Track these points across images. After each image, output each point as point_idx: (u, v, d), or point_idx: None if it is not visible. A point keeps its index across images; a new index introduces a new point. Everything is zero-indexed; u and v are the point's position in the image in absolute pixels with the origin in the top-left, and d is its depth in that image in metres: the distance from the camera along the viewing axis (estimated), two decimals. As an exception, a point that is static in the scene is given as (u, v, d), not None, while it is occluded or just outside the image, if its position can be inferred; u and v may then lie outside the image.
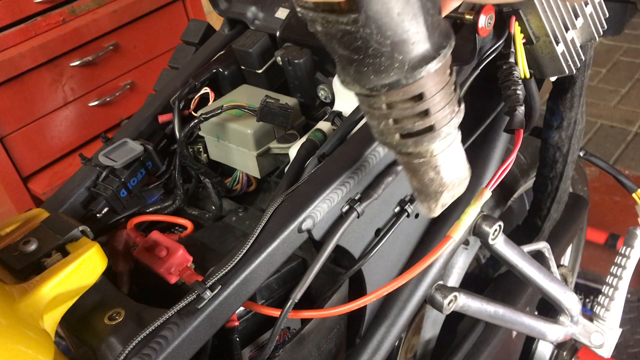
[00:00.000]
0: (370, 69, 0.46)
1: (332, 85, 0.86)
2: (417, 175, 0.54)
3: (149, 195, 0.87)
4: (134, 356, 0.57)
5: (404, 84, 0.46)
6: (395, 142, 0.51)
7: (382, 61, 0.45)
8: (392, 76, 0.46)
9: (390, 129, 0.50)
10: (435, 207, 0.57)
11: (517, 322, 0.94)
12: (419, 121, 0.49)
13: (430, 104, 0.48)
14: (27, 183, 1.79)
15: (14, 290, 0.56)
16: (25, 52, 1.65)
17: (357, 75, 0.47)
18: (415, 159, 0.53)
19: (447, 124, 0.50)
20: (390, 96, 0.48)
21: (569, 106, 0.94)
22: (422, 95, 0.47)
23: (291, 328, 0.79)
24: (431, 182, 0.54)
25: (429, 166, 0.53)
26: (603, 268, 1.77)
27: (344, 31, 0.44)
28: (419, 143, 0.51)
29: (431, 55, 0.45)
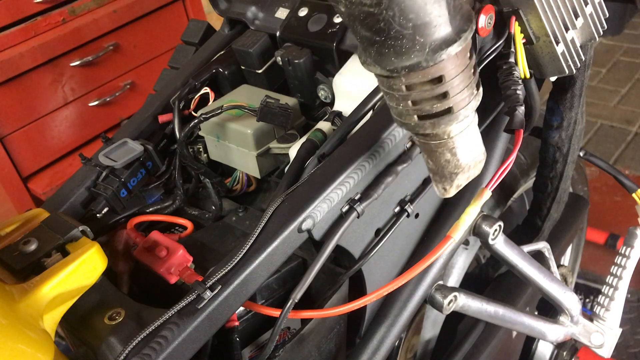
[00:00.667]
0: (392, 51, 0.46)
1: (332, 85, 0.86)
2: (433, 157, 0.55)
3: (149, 195, 0.87)
4: (134, 356, 0.57)
5: (425, 66, 0.47)
6: (414, 123, 0.52)
7: (404, 43, 0.46)
8: (412, 58, 0.46)
9: (409, 111, 0.51)
10: (450, 188, 0.57)
11: (517, 322, 0.94)
12: (438, 103, 0.50)
13: (450, 87, 0.49)
14: (27, 183, 1.79)
15: (14, 290, 0.56)
16: (25, 52, 1.65)
17: (378, 56, 0.47)
18: (433, 141, 0.53)
19: (465, 106, 0.50)
20: (410, 78, 0.48)
21: (569, 106, 0.94)
22: (441, 78, 0.48)
23: (291, 328, 0.79)
24: (447, 163, 0.55)
25: (446, 148, 0.54)
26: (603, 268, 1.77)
27: (367, 13, 0.44)
28: (437, 125, 0.51)
29: (452, 38, 0.46)
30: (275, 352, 0.69)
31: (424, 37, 0.45)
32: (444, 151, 0.54)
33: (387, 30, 0.45)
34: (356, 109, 0.76)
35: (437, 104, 0.50)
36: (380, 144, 0.70)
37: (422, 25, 0.45)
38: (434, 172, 0.57)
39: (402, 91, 0.50)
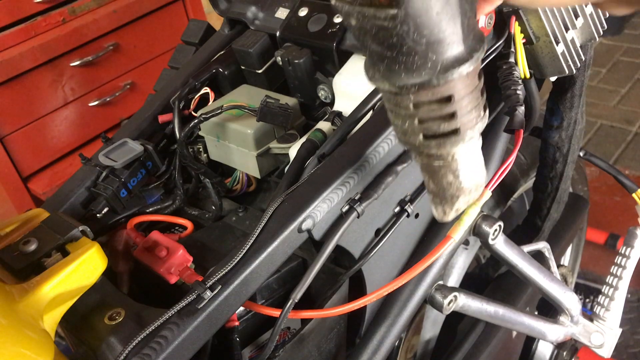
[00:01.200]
0: (402, 67, 0.46)
1: (332, 85, 0.86)
2: (435, 178, 0.54)
3: (149, 195, 0.87)
4: (134, 356, 0.57)
5: (435, 85, 0.46)
6: (418, 142, 0.51)
7: (415, 60, 0.45)
8: (423, 76, 0.45)
9: (414, 129, 0.50)
10: (450, 211, 0.57)
11: (517, 322, 0.94)
12: (445, 123, 0.49)
13: (458, 107, 0.48)
14: (27, 183, 1.79)
15: (14, 290, 0.56)
16: (25, 52, 1.65)
17: (388, 72, 0.47)
18: (436, 162, 0.52)
19: (471, 128, 0.50)
20: (419, 96, 0.47)
21: (569, 106, 0.94)
22: (450, 98, 0.47)
23: (291, 328, 0.79)
24: (449, 185, 0.54)
25: (449, 169, 0.53)
26: (603, 268, 1.77)
27: (380, 27, 0.43)
28: (442, 145, 0.50)
29: (464, 57, 0.45)
30: (275, 352, 0.69)
31: (437, 55, 0.45)
32: (447, 173, 0.53)
33: (400, 46, 0.44)
34: (356, 109, 0.76)
35: (444, 124, 0.49)
36: (380, 144, 0.70)
37: (435, 42, 0.44)
38: (434, 194, 0.56)
39: (409, 109, 0.49)
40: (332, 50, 0.84)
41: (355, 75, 0.83)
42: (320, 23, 0.86)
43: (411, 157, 0.73)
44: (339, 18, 0.84)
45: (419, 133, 0.50)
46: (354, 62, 0.84)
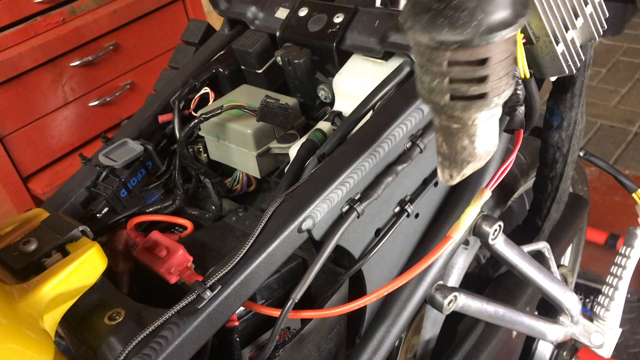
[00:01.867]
0: (447, 22, 0.44)
1: (332, 85, 0.86)
2: (450, 141, 0.53)
3: (149, 195, 0.87)
4: (134, 356, 0.57)
5: (475, 45, 0.45)
6: (444, 102, 0.50)
7: (462, 16, 0.44)
8: (466, 34, 0.44)
9: (442, 89, 0.49)
10: (456, 176, 0.56)
11: (517, 322, 0.94)
12: (475, 86, 0.48)
13: (491, 71, 0.47)
14: (27, 183, 1.79)
15: (14, 290, 0.56)
16: (25, 52, 1.65)
17: (430, 25, 0.45)
18: (456, 124, 0.52)
19: (498, 95, 0.49)
20: (456, 54, 0.46)
21: (569, 106, 0.93)
22: (486, 61, 0.47)
23: (291, 328, 0.79)
24: (463, 149, 0.53)
25: (466, 133, 0.52)
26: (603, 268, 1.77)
27: None
28: (468, 108, 0.50)
29: (510, 21, 0.44)
30: (275, 352, 0.69)
31: (485, 14, 0.43)
32: (464, 137, 0.52)
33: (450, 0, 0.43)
34: (356, 109, 0.76)
35: (475, 87, 0.48)
36: (380, 144, 0.70)
37: (487, 1, 0.43)
38: (445, 156, 0.55)
39: (442, 67, 0.47)
40: (332, 50, 0.84)
41: (355, 75, 0.83)
42: (320, 23, 0.86)
43: (411, 157, 0.73)
44: (339, 18, 0.84)
45: (446, 93, 0.49)
46: (354, 62, 0.84)
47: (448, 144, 0.54)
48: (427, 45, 0.47)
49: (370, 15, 0.83)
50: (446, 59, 0.47)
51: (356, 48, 0.83)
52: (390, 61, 0.81)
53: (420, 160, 0.77)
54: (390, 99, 0.76)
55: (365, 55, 0.83)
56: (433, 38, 0.46)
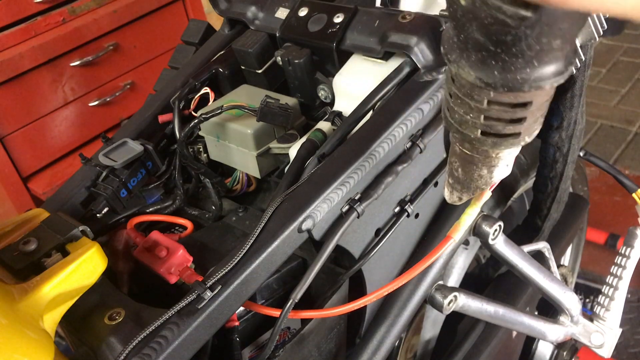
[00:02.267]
0: (500, 65, 0.42)
1: (332, 85, 0.86)
2: (467, 169, 0.52)
3: (149, 195, 0.87)
4: (134, 356, 0.57)
5: (524, 90, 0.43)
6: (474, 136, 0.48)
7: (518, 62, 0.42)
8: (517, 79, 0.42)
9: (476, 124, 0.48)
10: (465, 199, 0.55)
11: (517, 322, 0.94)
12: (511, 126, 0.47)
13: (529, 114, 0.46)
14: (27, 183, 1.79)
15: (14, 290, 0.56)
16: (25, 52, 1.65)
17: (481, 64, 0.43)
18: (479, 156, 0.51)
19: (529, 134, 0.48)
20: (500, 96, 0.45)
21: (569, 106, 0.93)
22: (528, 104, 0.45)
23: (291, 328, 0.79)
24: (479, 177, 0.52)
25: (487, 165, 0.51)
26: (603, 268, 1.77)
27: (500, 21, 0.39)
28: (498, 145, 0.48)
29: (561, 70, 0.43)
30: (275, 352, 0.69)
31: (540, 63, 0.41)
32: (483, 167, 0.51)
33: (511, 45, 0.40)
34: (356, 109, 0.76)
35: (510, 127, 0.47)
36: (380, 144, 0.70)
37: (546, 51, 0.41)
38: (458, 181, 0.54)
39: (482, 104, 0.46)
40: (332, 50, 0.84)
41: (355, 75, 0.83)
42: (320, 23, 0.86)
43: (411, 157, 0.73)
44: (339, 18, 0.84)
45: (479, 128, 0.48)
46: (354, 62, 0.84)
47: (465, 171, 0.53)
48: (470, 83, 0.45)
49: (370, 15, 0.83)
50: (488, 98, 0.45)
51: (356, 48, 0.83)
52: (390, 61, 0.81)
53: (420, 160, 0.77)
54: (390, 99, 0.76)
55: (365, 55, 0.83)
56: (481, 78, 0.44)
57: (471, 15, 0.40)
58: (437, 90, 0.75)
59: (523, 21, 0.38)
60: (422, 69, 0.77)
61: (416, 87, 0.75)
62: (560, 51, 0.42)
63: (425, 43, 0.77)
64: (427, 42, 0.77)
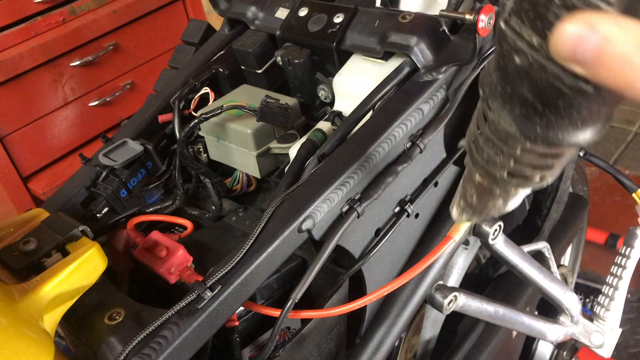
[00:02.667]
0: (544, 123, 0.41)
1: (332, 85, 0.86)
2: (483, 198, 0.53)
3: (149, 195, 0.87)
4: (134, 356, 0.57)
5: (561, 145, 0.43)
6: (499, 176, 0.49)
7: (563, 122, 0.41)
8: (559, 137, 0.42)
9: (504, 166, 0.48)
10: (474, 221, 0.56)
11: (517, 322, 0.94)
12: (539, 171, 0.47)
13: (559, 162, 0.46)
14: (27, 183, 1.79)
15: (14, 290, 0.56)
16: (25, 52, 1.65)
17: (524, 119, 0.42)
18: (498, 190, 0.51)
19: (552, 175, 0.48)
20: (536, 147, 0.44)
21: (569, 106, 0.93)
22: (560, 154, 0.45)
23: (291, 328, 0.79)
24: (493, 207, 0.53)
25: (505, 196, 0.52)
26: (603, 268, 1.77)
27: (554, 87, 0.38)
28: (522, 185, 0.49)
29: (600, 130, 0.42)
30: (275, 352, 0.69)
31: (583, 123, 0.41)
32: (500, 198, 0.52)
33: (560, 109, 0.40)
34: (356, 109, 0.76)
35: (538, 172, 0.47)
36: (380, 144, 0.70)
37: (591, 116, 0.40)
38: (470, 206, 0.54)
39: (514, 150, 0.45)
40: (332, 50, 0.84)
41: (355, 75, 0.83)
42: (320, 23, 0.86)
43: (411, 157, 0.73)
44: (339, 18, 0.84)
45: (506, 169, 0.48)
46: (354, 62, 0.84)
47: (480, 199, 0.53)
48: (509, 133, 0.45)
49: (370, 15, 0.83)
50: (522, 147, 0.45)
51: (356, 48, 0.83)
52: (390, 61, 0.81)
53: (420, 160, 0.77)
54: (390, 99, 0.76)
55: (365, 55, 0.83)
56: (520, 130, 0.43)
57: (524, 74, 0.39)
58: (437, 90, 0.75)
59: (577, 90, 0.37)
60: (422, 69, 0.77)
61: (416, 87, 0.75)
62: (605, 115, 0.42)
63: (425, 43, 0.77)
64: (427, 42, 0.77)
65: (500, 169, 0.48)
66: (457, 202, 0.56)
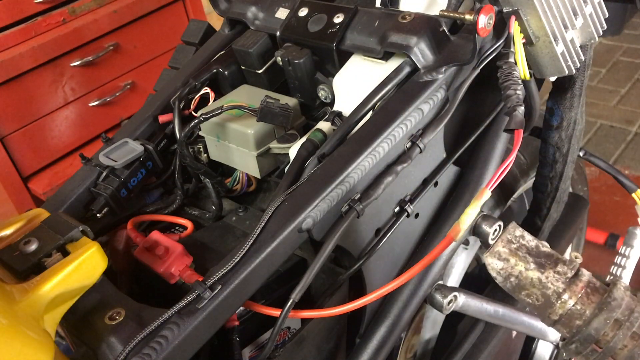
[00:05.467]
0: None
1: (332, 85, 0.86)
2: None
3: (149, 195, 0.87)
4: (134, 356, 0.57)
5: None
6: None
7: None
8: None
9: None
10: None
11: (517, 322, 0.94)
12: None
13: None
14: (27, 183, 1.79)
15: (14, 290, 0.56)
16: (26, 52, 1.65)
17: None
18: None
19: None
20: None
21: (568, 106, 0.94)
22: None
23: (291, 328, 0.79)
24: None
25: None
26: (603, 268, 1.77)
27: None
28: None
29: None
30: (275, 352, 0.69)
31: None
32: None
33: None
34: (356, 109, 0.77)
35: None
36: (380, 144, 0.70)
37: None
38: (534, 307, 0.63)
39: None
40: (332, 50, 0.84)
41: (355, 75, 0.83)
42: (320, 23, 0.86)
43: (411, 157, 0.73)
44: (339, 18, 0.84)
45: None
46: (354, 62, 0.84)
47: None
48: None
49: (370, 15, 0.83)
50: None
51: (356, 48, 0.83)
52: (390, 61, 0.81)
53: (420, 160, 0.77)
54: (390, 99, 0.76)
55: (365, 55, 0.83)
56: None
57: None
58: (437, 91, 0.75)
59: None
60: (422, 69, 0.77)
61: (416, 87, 0.75)
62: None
63: (425, 43, 0.77)
64: (427, 42, 0.77)
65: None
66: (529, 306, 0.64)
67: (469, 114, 0.85)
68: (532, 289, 0.61)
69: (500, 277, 0.61)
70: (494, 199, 1.06)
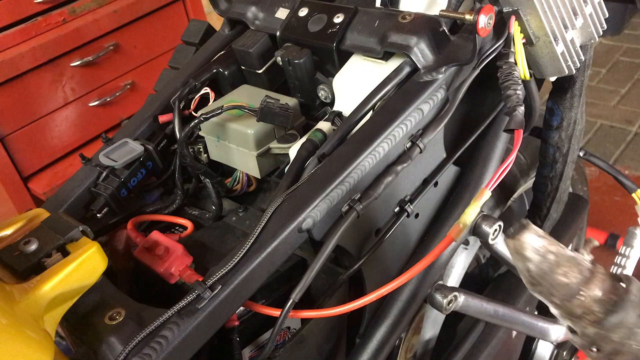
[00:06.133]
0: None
1: (332, 85, 0.86)
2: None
3: (149, 195, 0.87)
4: (134, 356, 0.57)
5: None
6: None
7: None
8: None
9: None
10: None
11: (517, 322, 0.94)
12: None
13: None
14: (27, 183, 1.79)
15: (14, 290, 0.56)
16: (26, 52, 1.65)
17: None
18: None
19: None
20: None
21: (568, 106, 0.94)
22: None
23: (291, 328, 0.79)
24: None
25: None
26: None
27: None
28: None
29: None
30: (275, 352, 0.69)
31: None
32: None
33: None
34: (356, 109, 0.77)
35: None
36: (380, 144, 0.70)
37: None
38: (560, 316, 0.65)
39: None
40: (332, 50, 0.84)
41: (355, 75, 0.83)
42: (320, 23, 0.86)
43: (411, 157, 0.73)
44: (339, 18, 0.84)
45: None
46: (354, 62, 0.84)
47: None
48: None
49: (370, 16, 0.83)
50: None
51: (356, 48, 0.83)
52: (390, 61, 0.81)
53: (420, 160, 0.77)
54: (390, 99, 0.76)
55: (365, 55, 0.83)
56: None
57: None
58: (437, 91, 0.75)
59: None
60: (422, 69, 0.77)
61: (416, 87, 0.75)
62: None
63: (425, 43, 0.77)
64: (427, 42, 0.77)
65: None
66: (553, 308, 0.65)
67: (469, 114, 0.85)
68: (570, 266, 0.61)
69: (538, 256, 0.60)
70: (494, 199, 1.06)
